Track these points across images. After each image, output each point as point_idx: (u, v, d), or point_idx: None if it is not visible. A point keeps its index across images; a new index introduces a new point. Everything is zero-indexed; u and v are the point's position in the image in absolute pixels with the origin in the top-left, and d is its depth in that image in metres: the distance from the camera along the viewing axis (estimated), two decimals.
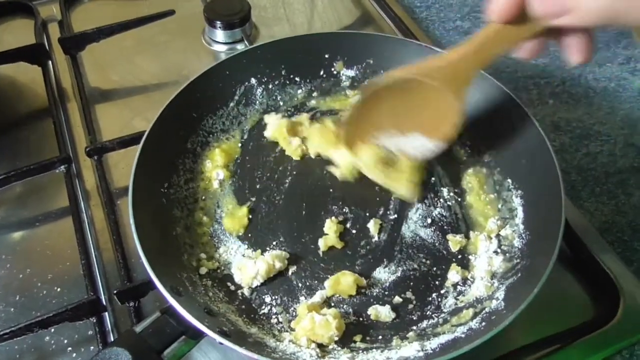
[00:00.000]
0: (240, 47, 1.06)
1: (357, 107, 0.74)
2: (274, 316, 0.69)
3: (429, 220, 0.78)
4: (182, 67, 1.04)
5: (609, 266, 0.76)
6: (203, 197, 0.80)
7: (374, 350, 0.65)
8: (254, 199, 0.80)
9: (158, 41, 1.09)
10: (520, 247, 0.73)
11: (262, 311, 0.70)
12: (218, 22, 1.05)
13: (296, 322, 0.67)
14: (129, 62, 1.06)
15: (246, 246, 0.76)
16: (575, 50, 0.61)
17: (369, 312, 0.70)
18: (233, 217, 0.78)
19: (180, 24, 1.10)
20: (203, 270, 0.72)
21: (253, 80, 0.88)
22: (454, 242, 0.75)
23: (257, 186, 0.82)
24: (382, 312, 0.69)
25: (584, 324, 0.73)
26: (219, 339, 0.58)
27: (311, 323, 0.65)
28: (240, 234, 0.77)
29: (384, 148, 0.77)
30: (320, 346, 0.66)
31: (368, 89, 0.72)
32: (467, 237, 0.76)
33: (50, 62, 1.04)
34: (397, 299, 0.71)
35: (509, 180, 0.79)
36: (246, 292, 0.71)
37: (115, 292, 0.71)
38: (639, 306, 0.73)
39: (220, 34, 1.07)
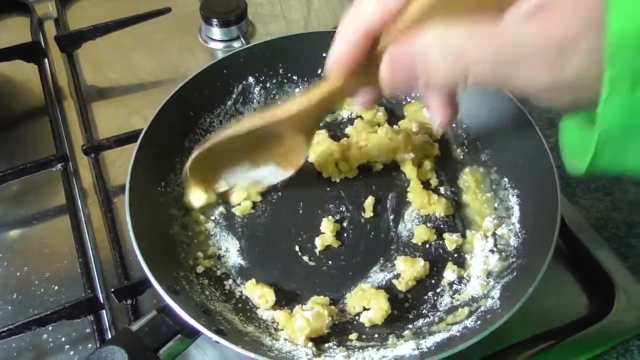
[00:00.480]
0: (236, 44, 1.06)
1: (207, 148, 0.73)
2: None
3: (426, 219, 0.78)
4: (179, 64, 1.04)
5: (604, 262, 0.76)
6: None
7: (370, 348, 0.65)
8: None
9: (154, 39, 1.09)
10: (516, 245, 0.73)
11: (259, 310, 0.70)
12: (214, 20, 1.05)
13: (285, 324, 0.67)
14: (126, 60, 1.05)
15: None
16: (435, 112, 0.59)
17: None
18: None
19: (176, 22, 1.10)
20: (200, 269, 0.72)
21: (251, 79, 0.88)
22: (450, 241, 0.75)
23: None
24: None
25: (579, 320, 0.73)
26: (214, 337, 0.58)
27: (304, 321, 0.65)
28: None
29: (236, 182, 0.79)
30: (316, 344, 0.66)
31: (219, 137, 0.72)
32: (463, 235, 0.76)
33: (46, 60, 1.04)
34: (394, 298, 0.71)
35: (506, 179, 0.80)
36: (243, 291, 0.71)
37: (112, 290, 0.71)
38: (634, 302, 0.74)
39: (216, 32, 1.07)
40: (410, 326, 0.69)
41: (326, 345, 0.66)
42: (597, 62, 0.38)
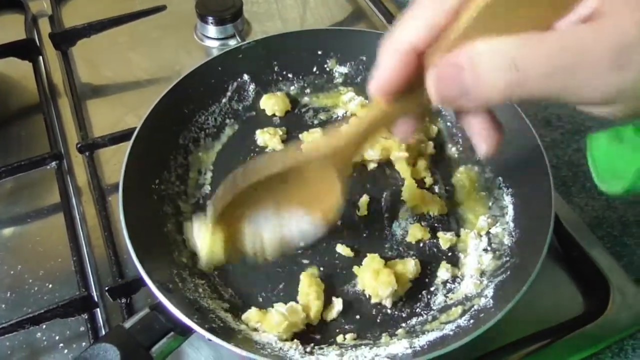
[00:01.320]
0: (232, 42, 1.06)
1: (229, 196, 0.61)
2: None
3: (420, 218, 0.78)
4: (174, 62, 1.04)
5: (599, 261, 0.76)
6: (194, 194, 0.80)
7: (363, 347, 0.66)
8: None
9: (150, 37, 1.09)
10: (510, 245, 0.73)
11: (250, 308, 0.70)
12: (210, 18, 1.05)
13: (259, 319, 0.67)
14: (121, 58, 1.05)
15: None
16: (480, 138, 0.52)
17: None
18: None
19: (172, 20, 1.10)
20: (193, 267, 0.72)
21: (245, 77, 0.88)
22: (444, 239, 0.76)
23: None
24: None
25: (574, 319, 0.74)
26: (207, 335, 0.58)
27: (280, 316, 0.66)
28: None
29: (259, 236, 0.66)
30: (309, 342, 0.66)
31: (246, 179, 0.61)
32: (457, 234, 0.77)
33: (41, 58, 1.03)
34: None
35: (500, 179, 0.80)
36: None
37: (106, 288, 0.71)
38: (629, 301, 0.74)
39: (212, 30, 1.07)
40: (403, 325, 0.69)
41: (319, 343, 0.67)
42: None
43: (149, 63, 1.04)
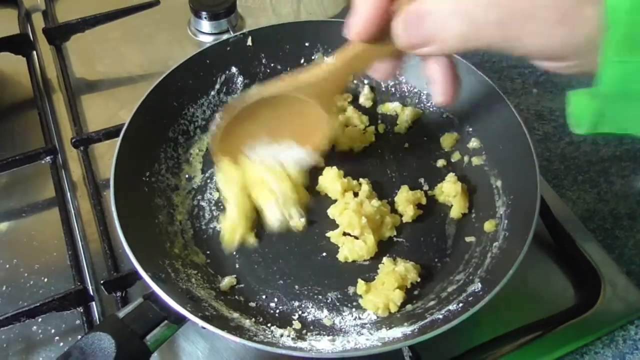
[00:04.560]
0: (226, 37, 1.06)
1: (228, 121, 0.72)
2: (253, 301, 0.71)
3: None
4: (168, 57, 1.04)
5: (591, 254, 0.77)
6: (184, 186, 0.81)
7: (353, 332, 0.67)
8: None
9: (144, 32, 1.09)
10: (498, 231, 0.73)
11: (242, 297, 0.71)
12: (203, 13, 1.05)
13: None
14: (115, 53, 1.05)
15: None
16: (438, 88, 0.59)
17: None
18: None
19: (165, 15, 1.10)
20: (185, 257, 0.73)
21: (234, 69, 0.88)
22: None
23: None
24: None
25: (566, 311, 0.74)
26: (201, 323, 0.59)
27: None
28: None
29: (259, 158, 0.76)
30: (301, 330, 0.67)
31: (239, 105, 0.71)
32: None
33: (34, 53, 1.03)
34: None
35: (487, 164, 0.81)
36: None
37: (102, 282, 0.72)
38: (620, 293, 0.75)
39: (205, 25, 1.07)
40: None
41: (311, 330, 0.68)
42: (600, 28, 0.40)
43: (142, 58, 1.05)
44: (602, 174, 0.91)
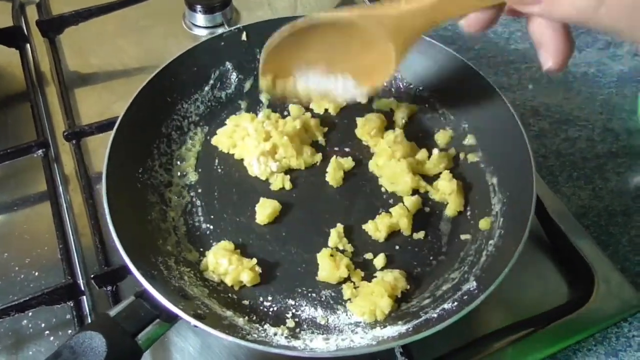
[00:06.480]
0: (221, 31, 1.05)
1: (289, 34, 0.65)
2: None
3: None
4: (163, 51, 1.03)
5: (585, 250, 0.77)
6: (178, 182, 0.80)
7: (348, 331, 0.67)
8: None
9: (138, 25, 1.08)
10: (494, 228, 0.73)
11: (236, 295, 0.70)
12: (198, 6, 1.04)
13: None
14: (109, 46, 1.04)
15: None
16: (547, 52, 0.52)
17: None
18: None
19: (160, 8, 1.09)
20: (178, 255, 0.72)
21: (228, 65, 0.87)
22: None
23: None
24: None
25: (559, 308, 0.74)
26: (193, 321, 0.58)
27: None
28: None
29: (305, 87, 0.71)
30: (295, 328, 0.67)
31: (305, 23, 0.63)
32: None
33: (28, 46, 1.03)
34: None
35: (483, 162, 0.80)
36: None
37: (92, 276, 0.71)
38: (613, 290, 0.75)
39: (200, 18, 1.06)
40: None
41: (305, 328, 0.67)
42: None
43: (137, 51, 1.04)
44: (597, 171, 0.90)
